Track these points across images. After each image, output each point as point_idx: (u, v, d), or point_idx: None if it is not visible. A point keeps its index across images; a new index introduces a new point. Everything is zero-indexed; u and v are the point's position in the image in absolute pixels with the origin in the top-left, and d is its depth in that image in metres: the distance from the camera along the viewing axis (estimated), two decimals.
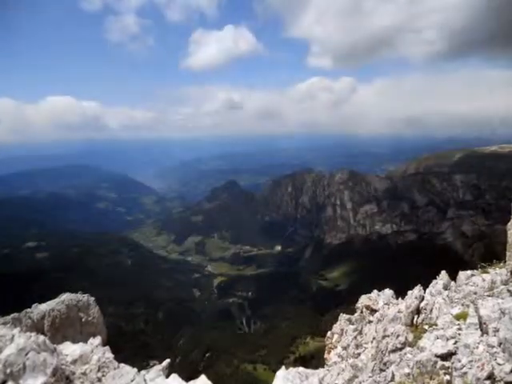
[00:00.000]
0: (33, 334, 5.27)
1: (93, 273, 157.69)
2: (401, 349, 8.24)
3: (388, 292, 12.79)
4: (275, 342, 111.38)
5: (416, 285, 10.42)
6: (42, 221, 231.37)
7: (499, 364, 5.47)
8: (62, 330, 9.43)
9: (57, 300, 9.93)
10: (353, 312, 13.74)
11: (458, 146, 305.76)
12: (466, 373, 5.75)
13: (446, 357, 6.42)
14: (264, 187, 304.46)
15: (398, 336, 8.53)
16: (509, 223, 9.10)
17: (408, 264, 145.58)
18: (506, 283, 8.29)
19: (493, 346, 5.74)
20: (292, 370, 9.38)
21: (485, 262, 10.75)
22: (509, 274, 8.71)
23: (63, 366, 5.44)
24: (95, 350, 6.60)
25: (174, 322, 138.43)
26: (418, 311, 9.32)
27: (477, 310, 6.57)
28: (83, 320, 10.02)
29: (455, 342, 6.60)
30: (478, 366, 5.59)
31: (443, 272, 10.70)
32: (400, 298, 12.01)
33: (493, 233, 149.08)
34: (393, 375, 7.26)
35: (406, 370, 7.13)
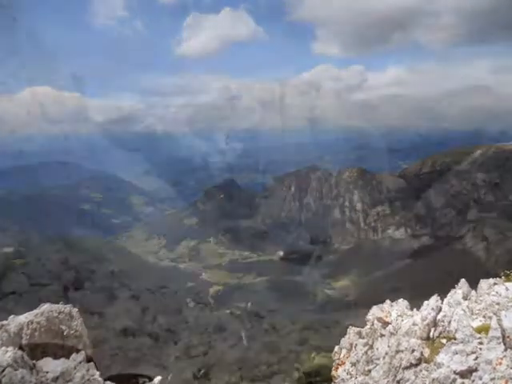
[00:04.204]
0: (10, 348, 5.29)
1: (75, 281, 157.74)
2: (416, 365, 8.25)
3: (402, 302, 12.79)
4: (277, 358, 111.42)
5: (432, 294, 10.43)
6: (19, 224, 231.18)
7: None
8: (42, 344, 9.46)
9: (36, 311, 9.93)
10: (363, 325, 13.74)
11: (480, 141, 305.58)
12: None
13: (466, 374, 6.44)
14: (265, 187, 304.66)
15: (412, 351, 8.54)
16: None
17: (424, 271, 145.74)
18: None
19: None
20: None
21: (509, 269, 10.77)
22: None
23: None
24: (78, 366, 6.61)
25: (165, 335, 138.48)
26: (434, 324, 9.33)
27: (500, 322, 6.58)
28: (65, 333, 10.03)
29: (476, 358, 6.61)
30: None
31: (463, 280, 10.71)
32: (415, 310, 12.02)
33: None
34: None
35: None
